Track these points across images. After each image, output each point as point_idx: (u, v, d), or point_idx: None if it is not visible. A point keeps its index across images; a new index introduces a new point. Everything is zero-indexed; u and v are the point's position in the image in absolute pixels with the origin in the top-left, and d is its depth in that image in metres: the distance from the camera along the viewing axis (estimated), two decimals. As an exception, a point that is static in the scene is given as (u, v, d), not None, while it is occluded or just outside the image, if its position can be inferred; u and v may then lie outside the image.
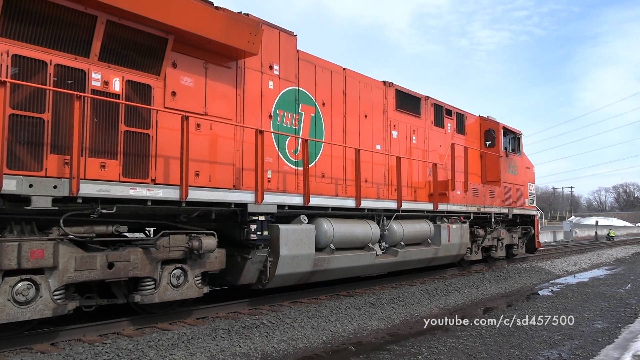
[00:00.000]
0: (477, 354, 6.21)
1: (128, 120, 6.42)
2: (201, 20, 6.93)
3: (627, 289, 12.12)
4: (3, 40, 5.45)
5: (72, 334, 6.02)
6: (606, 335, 7.31)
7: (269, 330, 6.75)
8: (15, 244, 5.29)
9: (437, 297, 9.95)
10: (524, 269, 14.60)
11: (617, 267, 17.81)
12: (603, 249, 25.94)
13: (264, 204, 7.63)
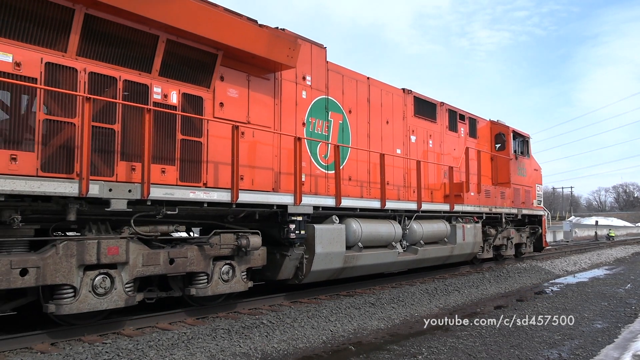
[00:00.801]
0: (477, 354, 6.21)
1: (184, 129, 7.07)
2: (247, 37, 7.58)
3: (627, 289, 12.16)
4: (81, 59, 6.09)
5: (72, 334, 6.06)
6: (606, 335, 7.30)
7: (269, 330, 6.76)
8: (95, 241, 5.95)
9: (437, 297, 9.97)
10: (523, 269, 14.64)
11: (617, 267, 17.89)
12: (603, 248, 26.04)
13: (301, 206, 8.28)
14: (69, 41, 5.95)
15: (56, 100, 5.82)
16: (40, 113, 5.68)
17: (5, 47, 5.47)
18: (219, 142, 7.52)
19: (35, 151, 5.59)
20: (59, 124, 5.82)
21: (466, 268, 14.32)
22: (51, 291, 5.85)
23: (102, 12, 6.12)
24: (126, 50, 6.50)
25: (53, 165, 5.73)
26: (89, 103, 5.71)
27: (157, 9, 6.44)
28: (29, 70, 5.63)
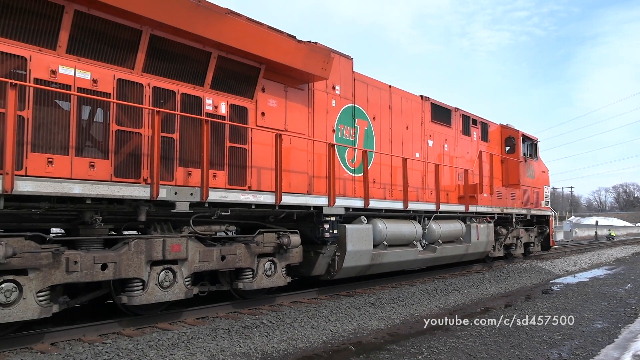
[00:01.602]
0: (477, 354, 6.22)
1: (231, 137, 7.72)
2: (287, 52, 8.24)
3: (627, 289, 12.18)
4: (146, 75, 6.75)
5: (72, 334, 6.11)
6: (606, 335, 7.32)
7: (269, 330, 6.79)
8: (161, 240, 6.61)
9: (437, 297, 10.00)
10: (523, 269, 14.63)
11: (617, 267, 17.93)
12: (603, 249, 26.02)
13: (335, 207, 8.94)
14: (136, 59, 6.61)
15: (126, 113, 6.48)
16: (113, 124, 6.33)
17: (84, 66, 6.13)
18: (261, 149, 8.18)
19: (109, 159, 6.25)
20: (128, 134, 6.47)
21: (474, 266, 14.97)
22: (122, 284, 6.50)
23: (165, 33, 6.78)
24: (183, 66, 7.16)
25: (123, 171, 6.38)
26: (159, 116, 6.36)
27: (211, 28, 7.09)
28: (103, 86, 6.28)
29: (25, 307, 5.40)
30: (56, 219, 6.13)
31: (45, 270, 5.56)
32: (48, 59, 5.82)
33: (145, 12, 6.35)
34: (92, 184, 5.79)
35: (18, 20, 5.59)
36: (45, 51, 5.82)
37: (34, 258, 5.43)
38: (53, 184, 5.47)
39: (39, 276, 5.52)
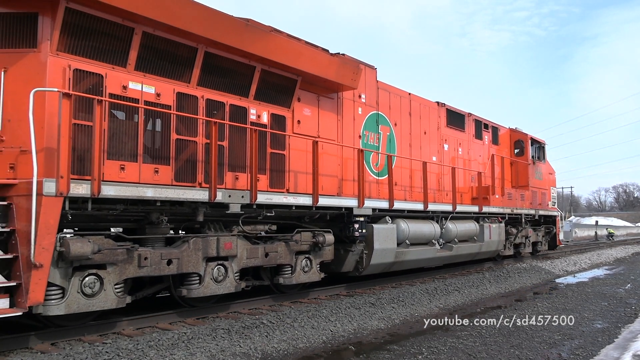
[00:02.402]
0: (477, 354, 6.24)
1: (272, 144, 8.38)
2: (321, 64, 8.91)
3: (627, 289, 12.21)
4: (200, 88, 7.41)
5: (72, 334, 6.14)
6: (606, 335, 7.33)
7: (269, 330, 6.82)
8: (215, 238, 7.28)
9: (437, 297, 10.02)
10: (523, 269, 14.68)
11: (617, 267, 17.97)
12: (603, 249, 25.96)
13: (364, 208, 9.62)
14: (192, 74, 7.28)
15: (183, 123, 7.14)
16: (173, 134, 6.99)
17: (149, 81, 6.80)
18: (297, 154, 8.85)
19: (170, 165, 6.91)
20: (185, 142, 7.14)
21: (489, 264, 15.65)
22: (180, 279, 7.17)
23: (217, 50, 7.44)
24: (231, 80, 7.83)
25: (182, 176, 7.04)
26: (216, 126, 7.03)
27: (257, 45, 7.76)
28: (165, 99, 6.95)
29: (106, 298, 6.07)
30: (126, 219, 6.78)
31: (121, 265, 6.23)
32: (120, 76, 6.49)
33: (201, 31, 7.01)
34: (161, 188, 6.47)
35: (96, 42, 6.26)
36: (118, 69, 6.49)
37: (112, 254, 6.10)
38: (130, 188, 6.14)
39: (116, 270, 6.19)
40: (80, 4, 5.97)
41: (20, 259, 5.32)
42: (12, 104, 5.87)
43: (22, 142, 5.81)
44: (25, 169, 5.77)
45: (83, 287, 5.85)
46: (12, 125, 5.84)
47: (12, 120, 5.85)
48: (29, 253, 5.26)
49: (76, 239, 5.67)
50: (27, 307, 5.22)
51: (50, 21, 5.91)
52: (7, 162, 5.77)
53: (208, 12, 7.07)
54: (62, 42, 5.97)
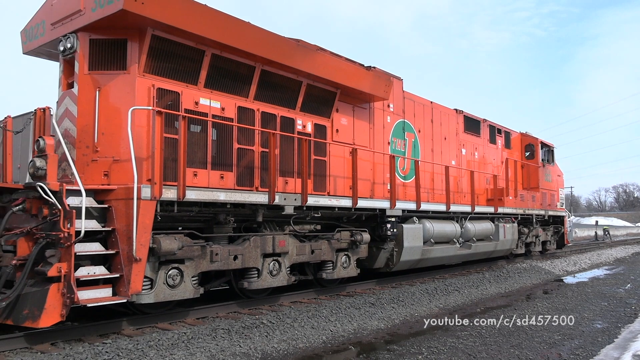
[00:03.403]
0: (477, 354, 6.25)
1: (315, 151, 9.22)
2: (358, 78, 9.75)
3: (627, 289, 12.24)
4: (256, 102, 8.26)
5: (72, 334, 6.17)
6: (606, 335, 7.34)
7: (269, 330, 6.84)
8: (271, 236, 8.13)
9: (437, 297, 10.06)
10: (523, 269, 14.70)
11: (617, 267, 18.00)
12: (603, 249, 25.90)
13: (395, 209, 10.47)
14: (250, 89, 8.13)
15: (243, 133, 7.99)
16: (235, 143, 7.84)
17: (216, 97, 7.65)
18: (336, 160, 9.70)
19: (233, 171, 7.76)
20: (245, 151, 7.99)
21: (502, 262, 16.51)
22: (241, 273, 8.02)
23: (271, 67, 8.29)
24: (282, 93, 8.68)
25: (242, 181, 7.89)
26: (275, 137, 7.89)
27: (305, 62, 8.62)
28: (228, 113, 7.80)
29: (185, 289, 6.92)
30: (197, 220, 7.61)
31: (197, 260, 7.08)
32: (193, 93, 7.34)
33: (260, 52, 7.86)
34: (231, 192, 7.33)
35: (174, 64, 7.12)
36: (191, 87, 7.34)
37: (190, 250, 6.94)
38: (207, 192, 7.00)
39: (192, 264, 7.04)
40: (163, 32, 6.82)
41: (121, 254, 6.17)
42: (105, 119, 6.73)
43: (115, 152, 6.68)
44: (117, 175, 6.64)
45: (167, 279, 6.70)
46: (105, 137, 6.70)
47: (105, 134, 6.70)
48: (129, 249, 6.11)
49: (165, 236, 6.52)
50: (130, 296, 6.07)
51: (138, 46, 6.76)
52: (102, 170, 6.62)
53: (266, 35, 7.92)
54: (148, 65, 6.82)
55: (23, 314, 5.70)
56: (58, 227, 5.79)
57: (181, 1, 6.75)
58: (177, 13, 6.69)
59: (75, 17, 6.77)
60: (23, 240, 6.14)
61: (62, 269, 5.65)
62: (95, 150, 6.67)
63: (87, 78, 6.78)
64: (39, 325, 5.58)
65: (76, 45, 6.78)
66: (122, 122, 6.63)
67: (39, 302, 5.64)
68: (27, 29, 7.72)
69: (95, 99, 6.73)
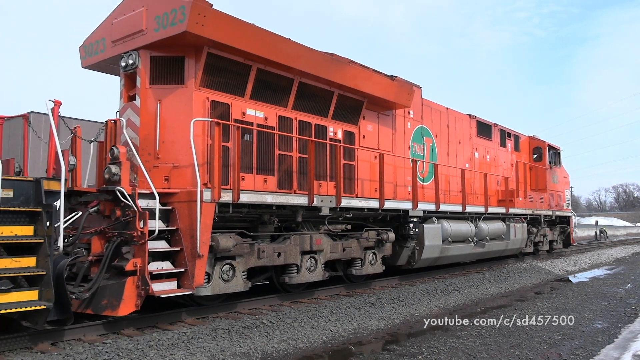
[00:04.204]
0: (477, 354, 6.24)
1: (345, 156, 9.92)
2: (384, 87, 10.45)
3: (627, 289, 12.26)
4: (294, 111, 8.95)
5: (72, 334, 6.17)
6: (606, 335, 7.34)
7: (269, 330, 6.84)
8: (309, 235, 8.83)
9: (437, 297, 10.08)
10: (523, 269, 14.74)
11: (617, 267, 18.01)
12: (603, 248, 25.82)
13: (417, 210, 11.17)
14: (289, 100, 8.82)
15: (283, 140, 8.68)
16: (277, 150, 8.54)
17: (260, 107, 8.34)
18: (363, 164, 10.41)
19: (274, 175, 8.45)
20: (284, 156, 8.68)
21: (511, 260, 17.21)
22: (282, 269, 8.71)
23: (308, 79, 8.99)
24: (316, 103, 9.37)
25: (282, 184, 8.58)
26: (313, 144, 8.58)
27: (337, 74, 9.31)
28: (271, 122, 8.50)
29: (236, 283, 7.61)
30: (244, 220, 8.28)
31: (246, 257, 7.77)
32: (240, 104, 8.04)
33: (298, 65, 8.55)
34: (276, 195, 8.03)
35: (225, 78, 7.81)
36: (239, 99, 8.04)
37: (241, 248, 7.63)
38: (257, 195, 7.69)
39: (242, 261, 7.73)
40: (217, 49, 7.51)
41: (185, 251, 6.86)
42: (165, 128, 7.43)
43: (174, 159, 7.38)
44: (176, 180, 7.34)
45: (222, 274, 7.39)
46: (166, 145, 7.39)
47: (165, 142, 7.40)
48: (192, 246, 6.80)
49: (222, 235, 7.21)
50: (194, 288, 6.76)
51: (195, 63, 7.46)
52: (162, 175, 7.31)
53: (304, 50, 8.61)
54: (203, 79, 7.52)
55: (102, 304, 6.41)
56: (131, 227, 6.51)
57: (233, 21, 7.44)
58: (229, 32, 7.39)
59: (137, 36, 7.46)
60: (96, 239, 6.86)
61: (137, 264, 6.35)
62: (156, 157, 7.36)
63: (149, 91, 7.48)
64: (118, 314, 6.29)
65: (138, 62, 7.47)
66: (180, 131, 7.33)
67: (117, 293, 6.34)
68: (86, 44, 8.41)
69: (156, 111, 7.42)
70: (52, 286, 5.44)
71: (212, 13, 7.08)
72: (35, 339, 5.92)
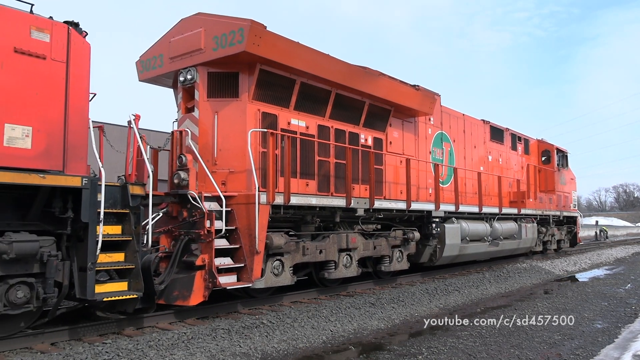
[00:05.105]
0: (477, 354, 6.25)
1: (375, 161, 10.70)
2: (409, 97, 11.25)
3: (627, 289, 12.29)
4: (331, 120, 9.72)
5: (72, 334, 6.18)
6: (606, 335, 7.35)
7: (269, 330, 6.86)
8: (345, 234, 9.62)
9: (437, 297, 10.13)
10: (523, 269, 14.84)
11: (617, 267, 18.07)
12: (603, 248, 25.84)
13: (439, 211, 11.96)
14: (326, 110, 9.62)
15: (321, 147, 9.46)
16: (316, 156, 9.33)
17: (302, 117, 9.14)
18: (390, 168, 11.20)
19: (314, 179, 9.24)
20: (323, 162, 9.47)
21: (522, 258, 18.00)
22: (321, 266, 9.50)
23: (343, 91, 9.78)
24: (350, 112, 10.17)
25: (321, 188, 9.37)
26: (350, 151, 9.38)
27: (369, 85, 10.11)
28: (311, 130, 9.30)
29: (285, 277, 8.39)
30: (289, 220, 9.06)
31: (293, 253, 8.56)
32: (286, 115, 8.83)
33: (336, 79, 9.34)
34: (319, 198, 8.82)
35: (274, 91, 8.60)
36: (284, 110, 8.83)
37: (288, 246, 8.41)
38: (303, 197, 8.49)
39: (290, 257, 8.52)
40: (268, 66, 8.30)
41: (243, 248, 7.65)
42: (222, 138, 8.22)
43: (230, 165, 8.16)
44: (232, 184, 8.13)
45: (273, 269, 8.18)
46: (222, 153, 8.18)
47: (222, 150, 8.19)
48: (250, 244, 7.59)
49: (275, 234, 8.00)
50: (253, 281, 7.55)
51: (248, 78, 8.25)
52: (220, 180, 8.09)
53: (340, 64, 9.40)
54: (256, 93, 8.31)
55: (173, 295, 7.20)
56: (198, 226, 7.30)
57: (282, 40, 8.23)
58: (279, 50, 8.17)
59: (196, 54, 8.25)
60: (164, 237, 7.64)
61: (205, 259, 7.14)
62: (214, 164, 8.14)
63: (206, 104, 8.27)
64: (189, 304, 7.08)
65: (196, 77, 8.26)
66: (235, 140, 8.13)
67: (188, 285, 7.14)
68: (142, 60, 9.20)
69: (213, 122, 8.21)
70: (141, 278, 6.23)
71: (266, 34, 7.87)
72: (35, 339, 5.88)
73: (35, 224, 5.64)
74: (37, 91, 5.30)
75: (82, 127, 5.64)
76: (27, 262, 5.39)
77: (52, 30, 5.43)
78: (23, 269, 5.38)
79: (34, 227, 5.58)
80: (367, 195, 10.13)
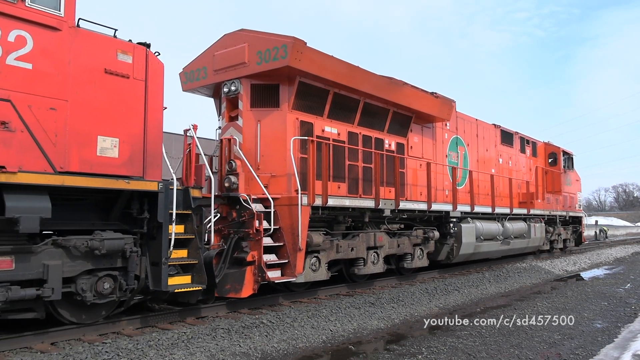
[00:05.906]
0: (477, 354, 6.26)
1: (399, 165, 11.43)
2: (430, 104, 11.98)
3: (627, 289, 12.32)
4: (359, 127, 10.45)
5: (72, 334, 6.19)
6: (606, 335, 7.36)
7: (268, 330, 6.87)
8: (373, 233, 10.35)
9: (437, 297, 10.17)
10: (523, 269, 14.88)
11: (617, 267, 18.05)
12: (603, 248, 25.76)
13: (457, 211, 12.69)
14: (355, 117, 10.34)
15: (350, 152, 10.19)
16: (346, 160, 10.05)
17: (334, 125, 9.87)
18: (410, 172, 11.93)
19: (345, 182, 9.97)
20: (352, 166, 10.19)
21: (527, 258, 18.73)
22: (350, 262, 10.22)
23: (371, 100, 10.51)
24: (375, 119, 10.90)
25: (351, 190, 10.10)
26: (378, 156, 10.10)
27: (394, 94, 10.83)
28: (342, 137, 10.02)
29: (321, 272, 9.11)
30: (323, 220, 9.77)
31: (328, 251, 9.28)
32: (320, 123, 9.56)
33: (365, 89, 10.07)
34: (351, 199, 9.55)
35: (310, 101, 9.33)
36: (319, 118, 9.56)
37: (324, 243, 9.13)
38: (338, 199, 9.21)
39: (325, 254, 9.24)
40: (306, 78, 9.02)
41: (287, 246, 8.37)
42: (264, 144, 8.94)
43: (272, 169, 8.89)
44: (274, 187, 8.84)
45: (311, 265, 8.90)
46: (265, 158, 8.91)
47: (264, 156, 8.92)
48: (293, 242, 8.30)
49: (314, 233, 8.72)
50: (296, 276, 8.26)
51: (288, 89, 8.98)
52: (263, 184, 8.81)
53: (369, 75, 10.12)
54: (295, 103, 9.04)
55: (226, 288, 7.92)
56: (247, 225, 8.02)
57: (320, 55, 8.95)
58: (317, 64, 8.90)
59: (239, 67, 8.97)
60: (215, 235, 8.35)
61: (255, 256, 7.86)
62: (257, 168, 8.86)
63: (250, 114, 8.99)
64: (241, 296, 7.80)
65: (240, 89, 8.98)
66: (276, 147, 8.85)
67: (239, 279, 7.86)
68: (186, 71, 9.92)
69: (256, 130, 8.93)
70: (204, 272, 6.94)
71: (306, 50, 8.59)
72: (35, 338, 5.88)
73: (115, 224, 6.36)
74: (122, 106, 6.02)
75: (158, 137, 6.35)
76: (112, 257, 6.10)
77: (133, 52, 6.15)
78: (109, 263, 6.09)
79: (114, 227, 6.29)
80: (392, 197, 10.85)
